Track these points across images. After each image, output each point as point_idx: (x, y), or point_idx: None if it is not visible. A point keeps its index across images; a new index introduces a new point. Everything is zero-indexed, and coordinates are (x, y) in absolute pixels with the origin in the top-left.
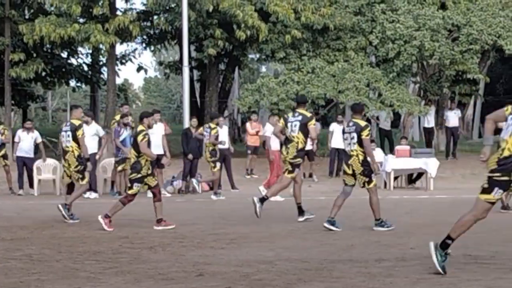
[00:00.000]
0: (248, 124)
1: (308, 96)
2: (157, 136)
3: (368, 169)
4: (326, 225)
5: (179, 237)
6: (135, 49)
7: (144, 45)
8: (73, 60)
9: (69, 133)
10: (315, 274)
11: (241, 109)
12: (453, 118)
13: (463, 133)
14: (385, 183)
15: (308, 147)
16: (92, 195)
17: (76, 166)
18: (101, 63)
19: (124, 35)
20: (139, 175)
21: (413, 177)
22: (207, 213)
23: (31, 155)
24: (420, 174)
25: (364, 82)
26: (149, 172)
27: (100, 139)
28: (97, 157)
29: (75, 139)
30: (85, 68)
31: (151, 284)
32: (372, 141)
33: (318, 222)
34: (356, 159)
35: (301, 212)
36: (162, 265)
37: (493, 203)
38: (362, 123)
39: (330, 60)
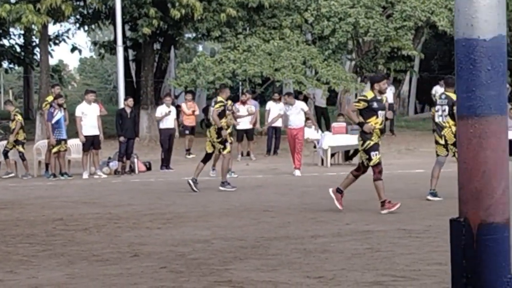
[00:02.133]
0: (183, 104)
1: (245, 74)
2: (92, 117)
3: None
4: (429, 197)
5: (114, 218)
6: (69, 29)
7: (77, 25)
8: (5, 41)
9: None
10: (251, 252)
11: (177, 88)
12: (388, 94)
13: (397, 110)
14: (322, 160)
15: (248, 126)
16: None
17: (218, 138)
18: (34, 43)
19: (56, 15)
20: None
21: (350, 154)
22: (143, 194)
23: None
24: (357, 150)
25: (300, 60)
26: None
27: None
28: None
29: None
30: (18, 49)
31: (85, 265)
32: (308, 119)
33: (255, 200)
34: (449, 130)
35: None
36: (97, 247)
37: None
38: (454, 96)
39: (266, 38)
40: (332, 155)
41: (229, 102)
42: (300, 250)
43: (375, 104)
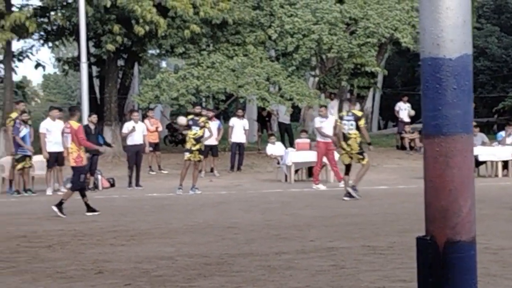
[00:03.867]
0: (146, 121)
1: (208, 91)
2: (56, 133)
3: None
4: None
5: (78, 235)
6: (32, 46)
7: (41, 41)
8: None
9: (352, 122)
10: (215, 269)
11: (140, 105)
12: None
13: None
14: (286, 177)
15: (213, 142)
16: None
17: (359, 150)
18: None
19: (20, 31)
20: None
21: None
22: (107, 210)
23: None
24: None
25: (264, 76)
26: None
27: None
28: None
29: (357, 127)
30: None
31: (49, 283)
32: (271, 135)
33: (219, 217)
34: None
35: None
36: (61, 264)
37: None
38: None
39: (230, 54)
40: (296, 171)
41: (202, 118)
42: (265, 267)
43: None
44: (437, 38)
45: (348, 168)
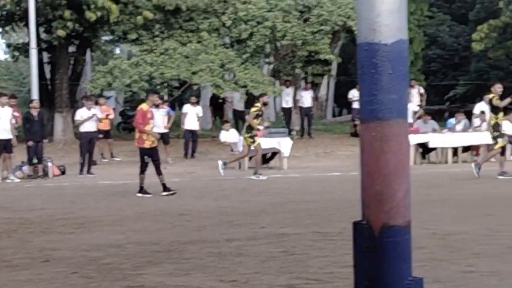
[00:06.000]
0: (97, 108)
1: (162, 77)
2: (4, 120)
3: None
4: None
5: (26, 223)
6: None
7: None
8: None
9: None
10: (165, 256)
11: (92, 91)
12: (307, 98)
13: (315, 113)
14: (240, 164)
15: (162, 129)
16: None
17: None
18: None
19: None
20: None
21: (267, 157)
22: (57, 198)
23: None
24: (274, 153)
25: (218, 63)
26: None
27: None
28: None
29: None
30: None
31: None
32: (225, 121)
33: (172, 204)
34: None
35: None
36: (7, 252)
37: None
38: None
39: (183, 41)
40: (250, 158)
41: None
42: (215, 253)
43: None
44: (373, 23)
45: None
